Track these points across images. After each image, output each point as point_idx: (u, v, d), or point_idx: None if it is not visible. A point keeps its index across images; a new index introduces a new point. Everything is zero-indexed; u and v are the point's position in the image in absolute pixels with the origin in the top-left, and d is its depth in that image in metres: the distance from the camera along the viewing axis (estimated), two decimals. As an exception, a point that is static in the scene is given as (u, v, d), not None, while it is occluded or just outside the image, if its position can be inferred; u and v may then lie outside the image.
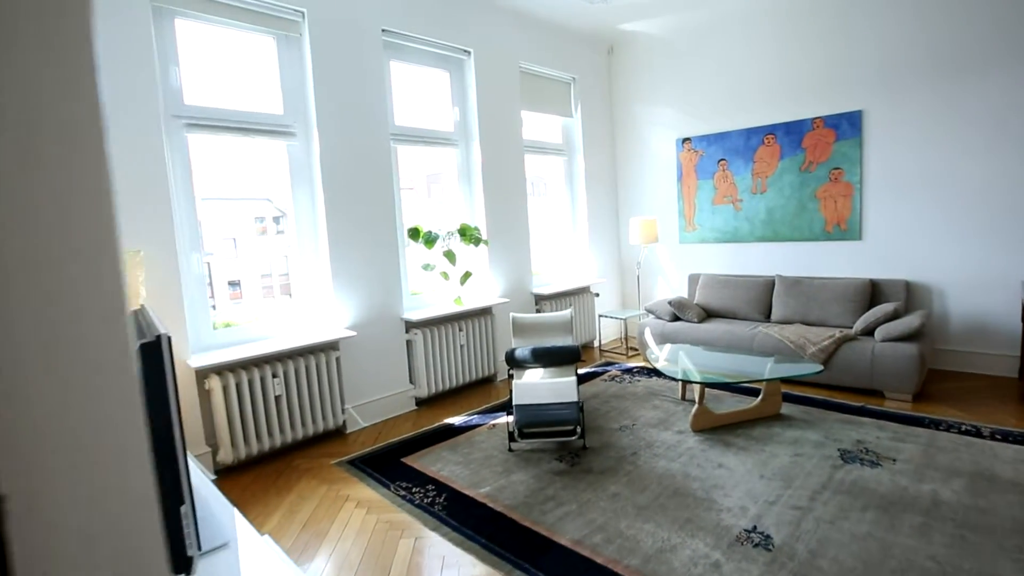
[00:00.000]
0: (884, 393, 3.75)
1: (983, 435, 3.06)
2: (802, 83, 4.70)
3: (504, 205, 4.81)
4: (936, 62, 4.07)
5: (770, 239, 5.02)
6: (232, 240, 4.44)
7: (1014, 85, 3.80)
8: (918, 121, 4.20)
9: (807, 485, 2.62)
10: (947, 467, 2.73)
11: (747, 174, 5.10)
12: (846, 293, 4.30)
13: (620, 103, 5.94)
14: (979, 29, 3.88)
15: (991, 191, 3.96)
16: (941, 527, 2.24)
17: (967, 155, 4.02)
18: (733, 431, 3.28)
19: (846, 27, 4.43)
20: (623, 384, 4.34)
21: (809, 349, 3.90)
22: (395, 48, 4.06)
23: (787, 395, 3.77)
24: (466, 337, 4.36)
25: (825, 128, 4.64)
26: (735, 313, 4.84)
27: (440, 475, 2.98)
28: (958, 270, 4.15)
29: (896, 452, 2.92)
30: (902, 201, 4.33)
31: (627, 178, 6.01)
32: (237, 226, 4.36)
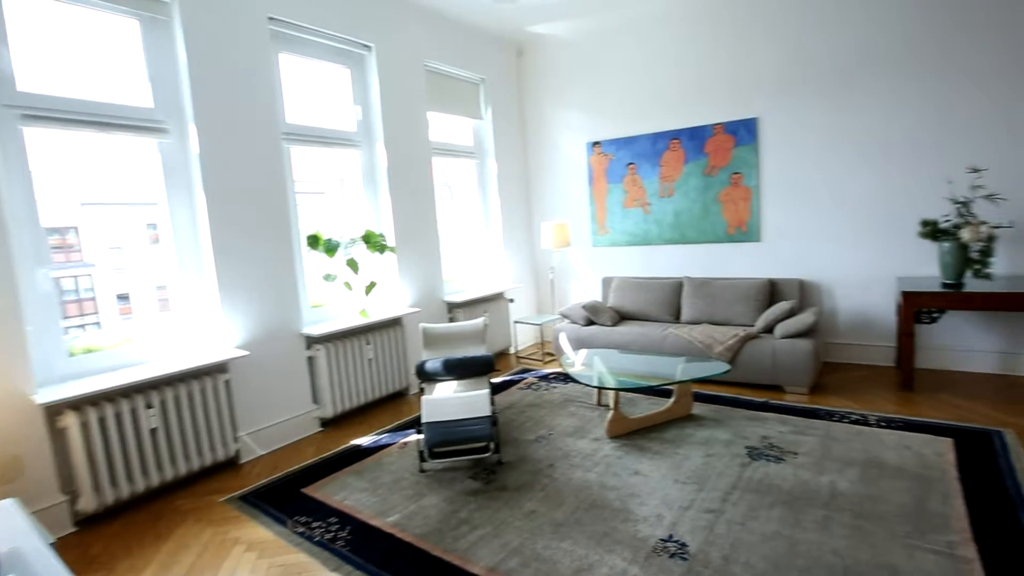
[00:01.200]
0: (784, 387, 3.93)
1: (870, 423, 3.26)
2: (703, 90, 4.86)
3: (412, 210, 4.59)
4: (825, 75, 4.33)
5: (678, 241, 5.16)
6: (119, 249, 3.95)
7: (894, 101, 4.11)
8: (808, 130, 4.45)
9: (719, 486, 2.64)
10: (842, 457, 2.85)
11: (655, 178, 5.21)
12: (748, 293, 4.49)
13: (531, 106, 5.90)
14: (866, 46, 4.17)
15: (871, 197, 4.26)
16: (840, 518, 2.32)
17: (851, 163, 4.31)
18: (648, 435, 3.28)
19: (743, 39, 4.63)
20: (540, 392, 4.26)
21: (716, 348, 4.01)
22: (285, 39, 3.74)
23: (698, 395, 3.84)
24: (374, 351, 4.10)
25: (725, 134, 4.82)
26: (647, 315, 4.92)
27: (344, 505, 2.73)
28: (844, 269, 4.44)
29: (797, 446, 3.02)
30: (795, 204, 4.58)
31: (539, 181, 5.98)
32: (125, 234, 3.89)
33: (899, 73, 4.06)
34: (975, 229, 3.50)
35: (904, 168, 4.12)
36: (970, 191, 3.75)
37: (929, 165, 4.02)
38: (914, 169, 4.08)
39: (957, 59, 3.86)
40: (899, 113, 4.09)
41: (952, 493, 2.46)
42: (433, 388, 3.51)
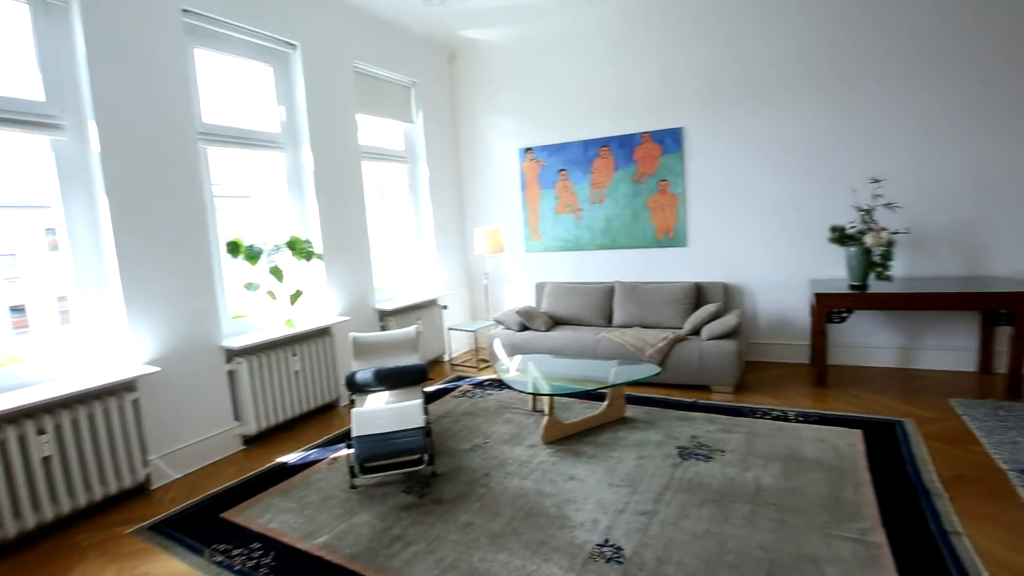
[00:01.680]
0: (711, 387, 4.08)
1: (790, 419, 3.44)
2: (632, 100, 5.00)
3: (341, 215, 4.43)
4: (744, 88, 4.56)
5: (609, 247, 5.27)
6: (13, 257, 3.63)
7: (804, 115, 4.38)
8: (729, 140, 4.67)
9: (652, 487, 2.69)
10: (766, 453, 2.99)
11: (586, 184, 5.30)
12: (676, 296, 4.64)
13: (463, 111, 5.86)
14: (780, 62, 4.42)
15: (786, 204, 4.53)
16: (765, 513, 2.41)
17: (768, 172, 4.56)
18: (583, 439, 3.30)
19: (668, 52, 4.80)
20: (475, 399, 4.21)
21: (647, 351, 4.11)
22: (201, 33, 3.51)
23: (630, 397, 3.92)
24: (301, 362, 3.91)
25: (652, 142, 4.98)
26: (580, 320, 4.98)
27: (268, 529, 2.57)
28: (764, 272, 4.68)
29: (724, 444, 3.14)
30: (718, 211, 4.79)
31: (472, 187, 5.94)
32: (19, 240, 3.54)
33: (808, 88, 4.34)
34: (877, 235, 3.78)
35: (815, 177, 4.40)
36: (872, 200, 4.06)
37: (837, 175, 4.32)
38: (824, 178, 4.37)
39: (856, 78, 4.17)
40: (809, 126, 4.37)
41: (863, 482, 2.63)
42: (364, 400, 3.38)
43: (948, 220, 4.06)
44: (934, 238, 4.10)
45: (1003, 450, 2.83)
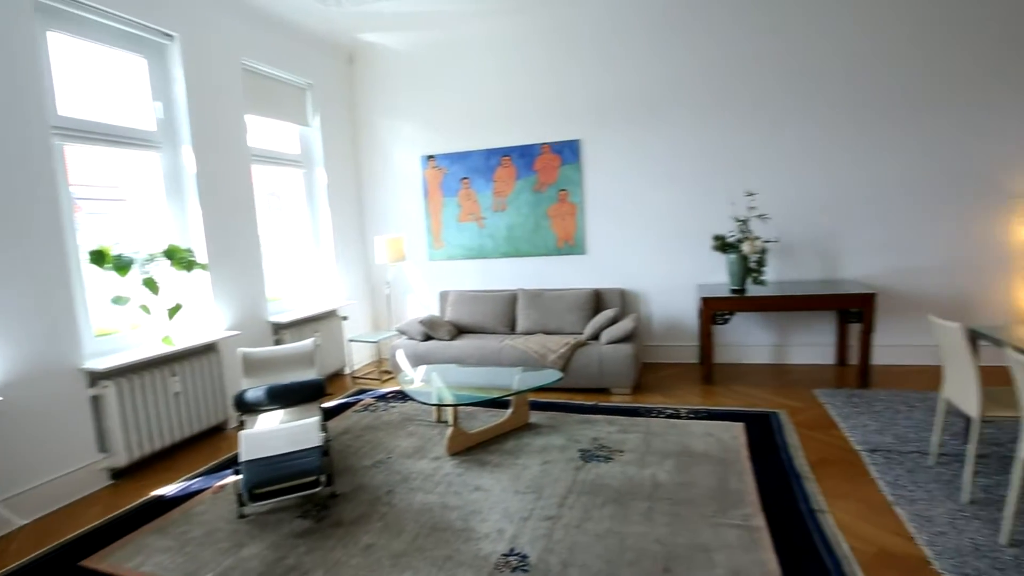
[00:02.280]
0: (611, 390, 4.24)
1: (682, 416, 3.65)
2: (533, 112, 5.12)
3: (229, 222, 4.12)
4: (636, 104, 4.82)
5: (512, 255, 5.33)
6: None
7: (689, 132, 4.72)
8: (623, 152, 4.92)
9: (555, 492, 2.74)
10: (661, 450, 3.15)
11: (488, 193, 5.34)
12: (577, 303, 4.79)
13: (363, 115, 5.69)
14: (667, 84, 4.72)
15: (675, 214, 4.84)
16: (661, 508, 2.53)
17: (659, 183, 4.85)
18: (488, 448, 3.30)
19: (567, 67, 4.97)
20: (377, 413, 4.07)
21: (550, 357, 4.20)
22: (57, 15, 3.12)
23: (534, 403, 3.98)
24: (182, 383, 3.57)
25: (552, 153, 5.12)
26: (484, 328, 4.99)
27: (140, 573, 2.30)
28: (656, 278, 4.96)
29: (623, 444, 3.27)
30: (614, 220, 5.02)
31: (373, 194, 5.77)
32: None
33: (692, 109, 4.68)
34: (752, 243, 4.14)
35: (700, 189, 4.74)
36: (747, 211, 4.45)
37: (718, 187, 4.68)
38: (707, 190, 4.72)
39: (732, 102, 4.57)
40: (694, 142, 4.71)
41: (745, 471, 2.85)
42: (255, 420, 3.14)
43: (810, 230, 4.54)
44: (799, 246, 4.57)
45: (856, 433, 3.20)
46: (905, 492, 2.55)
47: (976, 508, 2.37)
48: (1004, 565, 2.00)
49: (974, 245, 4.25)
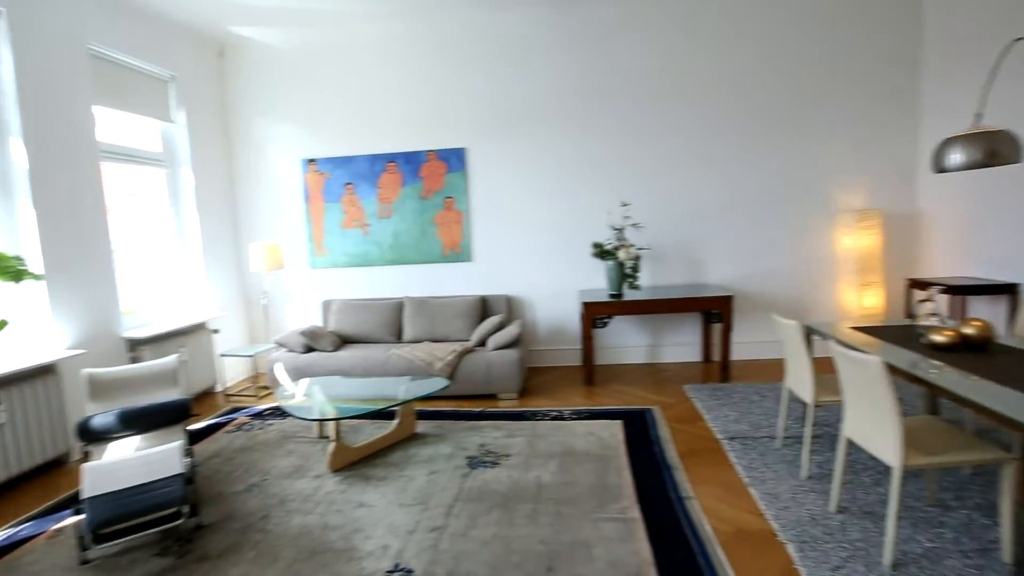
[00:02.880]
0: (498, 395, 4.30)
1: (566, 417, 3.80)
2: (418, 118, 5.07)
3: (72, 226, 3.63)
4: (518, 117, 4.95)
5: (398, 262, 5.24)
6: None
7: (571, 144, 4.93)
8: (508, 162, 5.03)
9: (442, 501, 2.72)
10: (546, 452, 3.24)
11: (373, 199, 5.21)
12: (464, 310, 4.81)
13: (237, 114, 5.30)
14: (547, 96, 4.90)
15: (558, 222, 5.03)
16: (545, 509, 2.61)
17: (542, 192, 5.02)
18: (373, 462, 3.20)
19: (452, 75, 4.99)
20: (253, 432, 3.79)
21: (437, 365, 4.17)
22: None
23: (421, 412, 3.93)
24: (8, 412, 3.08)
25: (438, 160, 5.11)
26: (370, 337, 4.85)
27: (-53, 640, 1.94)
28: (541, 284, 5.12)
29: (510, 448, 3.32)
30: (500, 227, 5.11)
31: (248, 198, 5.39)
32: None
33: (572, 122, 4.91)
34: (627, 250, 4.41)
35: (580, 199, 4.98)
36: (623, 220, 4.75)
37: (597, 197, 4.95)
38: (587, 200, 4.97)
39: (607, 117, 4.86)
40: (576, 153, 4.94)
41: (623, 466, 3.02)
42: (105, 450, 2.79)
43: (677, 238, 4.94)
44: (669, 253, 4.96)
45: (718, 424, 3.52)
46: (757, 474, 2.84)
47: (812, 482, 2.71)
48: (832, 529, 2.30)
49: (810, 253, 4.87)
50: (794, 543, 2.23)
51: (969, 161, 2.35)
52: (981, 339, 2.46)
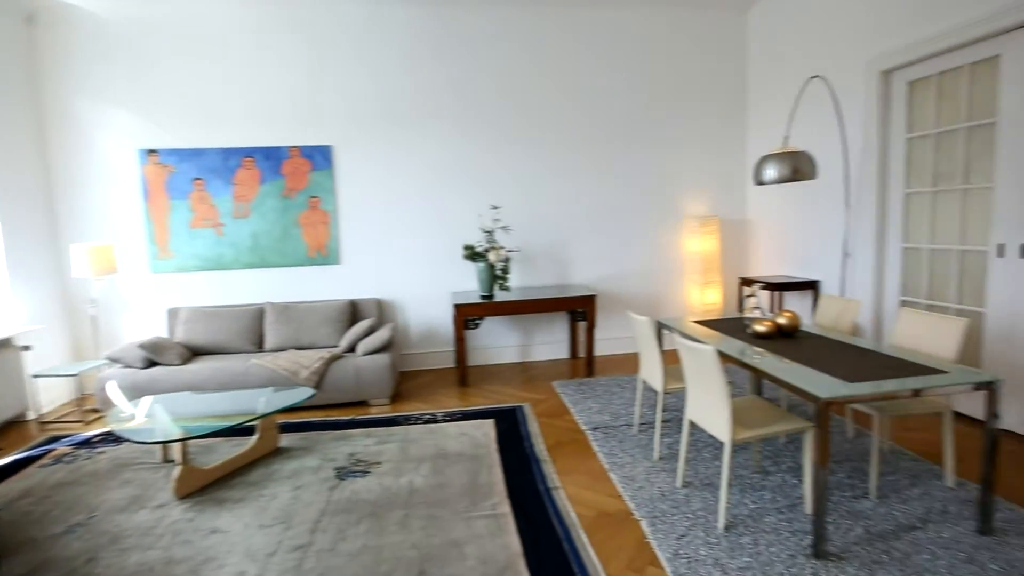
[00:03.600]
0: (369, 401, 4.18)
1: (439, 420, 3.79)
2: (280, 112, 4.75)
3: None
4: (388, 116, 4.85)
5: (258, 265, 4.87)
6: None
7: (441, 146, 4.92)
8: (378, 162, 4.90)
9: (307, 518, 2.58)
10: (418, 456, 3.21)
11: (228, 197, 4.79)
12: (331, 315, 4.60)
13: (53, 92, 4.56)
14: (419, 97, 4.84)
15: (430, 224, 5.01)
16: (417, 513, 2.58)
17: (413, 194, 4.96)
18: (229, 483, 2.94)
19: (319, 68, 4.74)
20: (77, 463, 3.30)
21: (302, 374, 3.95)
22: None
23: (285, 425, 3.70)
24: None
25: (301, 157, 4.83)
26: (226, 347, 4.45)
27: None
28: (413, 287, 5.06)
29: (381, 455, 3.24)
30: (369, 229, 4.96)
31: (70, 192, 4.67)
32: None
33: (443, 124, 4.92)
34: (497, 252, 4.52)
35: (451, 201, 5.00)
36: (493, 223, 4.86)
37: (468, 200, 5.00)
38: (458, 202, 5.00)
39: (477, 121, 4.95)
40: (447, 156, 4.95)
41: (494, 464, 3.08)
42: None
43: (545, 241, 5.16)
44: (538, 255, 5.16)
45: (583, 416, 3.74)
46: (617, 459, 3.06)
47: (663, 463, 2.98)
48: (678, 503, 2.55)
49: (661, 255, 5.35)
50: (647, 519, 2.44)
51: (779, 176, 2.74)
52: (791, 328, 2.89)
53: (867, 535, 2.25)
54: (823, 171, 4.33)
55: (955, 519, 2.34)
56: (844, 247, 4.10)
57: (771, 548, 2.19)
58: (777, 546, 2.20)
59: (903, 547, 2.17)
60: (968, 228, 3.38)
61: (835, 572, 2.03)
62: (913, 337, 2.81)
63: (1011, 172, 3.08)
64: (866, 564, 2.07)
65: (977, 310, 3.34)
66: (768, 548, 2.19)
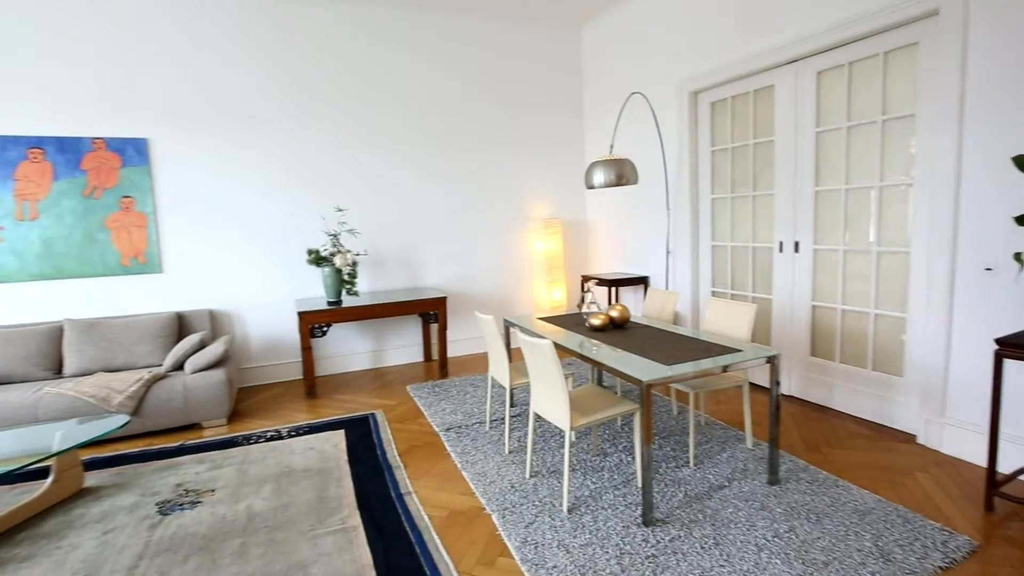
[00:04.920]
0: (202, 423, 3.78)
1: (283, 436, 3.55)
2: (81, 95, 4.09)
3: None
4: (221, 108, 4.40)
5: (52, 276, 4.15)
6: None
7: (282, 144, 4.59)
8: (208, 160, 4.43)
9: (120, 566, 2.25)
10: (258, 478, 2.98)
11: (8, 194, 4.02)
12: (152, 330, 4.08)
13: None
14: (256, 90, 4.46)
15: (270, 227, 4.66)
16: (256, 540, 2.39)
17: (251, 195, 4.58)
18: (12, 539, 2.47)
19: (135, 50, 4.15)
20: None
21: (115, 400, 3.45)
22: None
23: (92, 461, 3.20)
24: None
25: (108, 151, 4.22)
26: (10, 376, 3.73)
27: None
28: (253, 295, 4.67)
29: (215, 481, 2.95)
30: (199, 233, 4.48)
31: None
32: None
33: (283, 120, 4.60)
34: (344, 256, 4.35)
35: (294, 203, 4.70)
36: (338, 226, 4.66)
37: (311, 202, 4.74)
38: (301, 204, 4.72)
39: (320, 117, 4.71)
40: (288, 155, 4.65)
41: (344, 475, 2.96)
42: None
43: (395, 243, 5.08)
44: (388, 258, 5.06)
45: (436, 418, 3.75)
46: (469, 457, 3.11)
47: (513, 456, 3.09)
48: (527, 493, 2.67)
49: (510, 255, 5.55)
50: (497, 512, 2.52)
51: (606, 181, 3.00)
52: (622, 320, 3.17)
53: (686, 498, 2.56)
54: (649, 177, 4.82)
55: (752, 475, 2.75)
56: (667, 245, 4.61)
57: (608, 523, 2.38)
58: (614, 520, 2.40)
59: (713, 505, 2.49)
60: (758, 228, 3.99)
61: (660, 535, 2.28)
62: (718, 322, 3.25)
63: (784, 182, 3.70)
64: (685, 525, 2.34)
65: (766, 297, 3.97)
66: (606, 523, 2.38)
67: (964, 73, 2.64)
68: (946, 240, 2.77)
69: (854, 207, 3.33)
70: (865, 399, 3.35)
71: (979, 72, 2.59)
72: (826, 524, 2.29)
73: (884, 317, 3.24)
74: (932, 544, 2.11)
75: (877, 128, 3.15)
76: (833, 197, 3.44)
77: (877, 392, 3.28)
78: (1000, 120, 2.52)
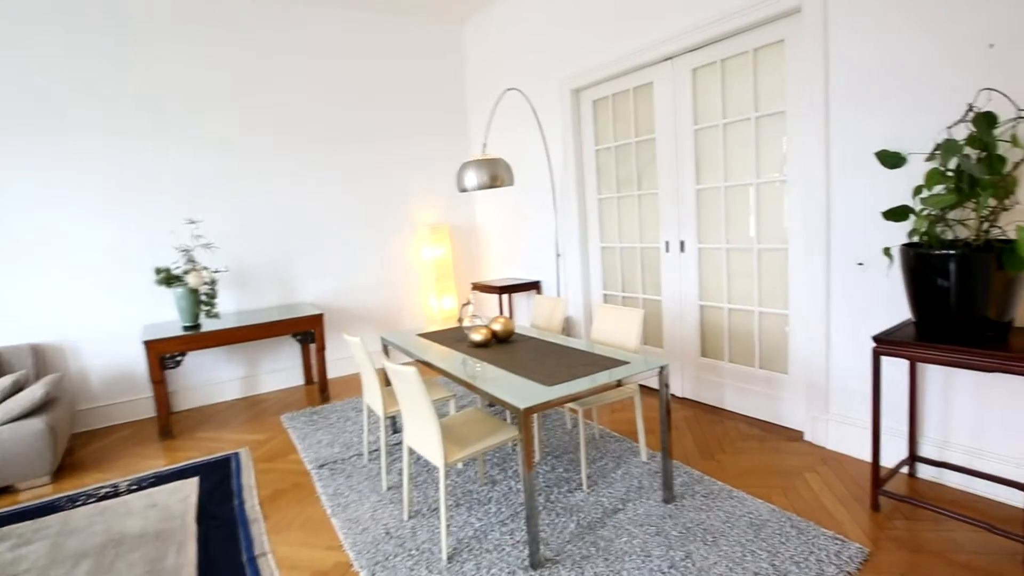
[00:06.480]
0: (16, 486, 3.12)
1: (120, 492, 2.99)
2: None
3: None
4: (37, 111, 3.66)
5: None
6: None
7: (119, 152, 3.92)
8: (22, 169, 3.69)
9: None
10: (77, 551, 2.45)
11: None
12: (-56, 375, 3.32)
13: None
14: (85, 85, 3.75)
15: (111, 247, 4.00)
16: (56, 641, 1.90)
17: (86, 213, 3.92)
18: None
19: None
20: None
21: None
22: None
23: None
24: None
25: None
26: None
27: None
28: (91, 325, 3.98)
29: (19, 563, 2.39)
30: (20, 260, 3.73)
31: None
32: None
33: (119, 126, 3.94)
34: (199, 274, 3.79)
35: (138, 218, 4.06)
36: (192, 240, 4.08)
37: (157, 216, 4.12)
38: (145, 219, 4.09)
39: (165, 120, 4.10)
40: (127, 163, 4.00)
41: (188, 538, 2.50)
42: None
43: (263, 257, 4.54)
44: (255, 274, 4.52)
45: (310, 452, 3.33)
46: (342, 499, 2.75)
47: (391, 493, 2.76)
48: (404, 539, 2.36)
49: (396, 265, 5.18)
50: (367, 569, 2.18)
51: (479, 183, 2.75)
52: (506, 334, 2.93)
53: (579, 529, 2.35)
54: (534, 177, 4.64)
55: (647, 492, 2.61)
56: (556, 248, 4.45)
57: (492, 570, 2.12)
58: (499, 565, 2.15)
59: (607, 534, 2.30)
60: (644, 228, 3.92)
61: (546, 578, 2.05)
62: (606, 330, 3.10)
63: (667, 180, 3.64)
64: (577, 562, 2.13)
65: (656, 298, 3.90)
66: (489, 571, 2.12)
67: (828, 70, 2.65)
68: (820, 236, 2.78)
69: (734, 205, 3.32)
70: (755, 398, 3.35)
71: (842, 69, 2.60)
72: (722, 545, 2.17)
73: (768, 315, 3.24)
74: (826, 556, 2.04)
75: (751, 125, 3.14)
76: (714, 195, 3.41)
77: (765, 390, 3.29)
78: (864, 116, 2.54)
